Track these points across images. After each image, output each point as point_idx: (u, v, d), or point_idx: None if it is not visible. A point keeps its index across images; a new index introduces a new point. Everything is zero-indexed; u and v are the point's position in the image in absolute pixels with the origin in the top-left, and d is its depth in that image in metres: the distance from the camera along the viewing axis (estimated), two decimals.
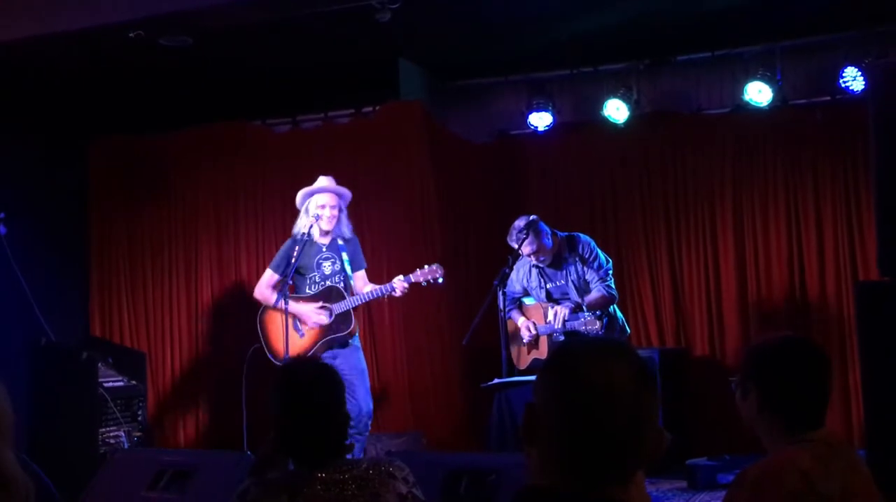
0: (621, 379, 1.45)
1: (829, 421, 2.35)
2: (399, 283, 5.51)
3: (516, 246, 5.57)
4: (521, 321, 5.90)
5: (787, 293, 6.72)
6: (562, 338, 5.73)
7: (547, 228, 5.70)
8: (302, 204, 5.76)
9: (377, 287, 5.62)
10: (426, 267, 5.55)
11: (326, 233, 5.68)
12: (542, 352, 5.87)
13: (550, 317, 5.67)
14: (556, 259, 5.76)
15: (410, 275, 5.53)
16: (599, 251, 5.78)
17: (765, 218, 6.79)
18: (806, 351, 2.31)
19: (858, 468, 2.25)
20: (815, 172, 6.70)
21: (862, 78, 6.21)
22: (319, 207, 5.64)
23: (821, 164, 6.68)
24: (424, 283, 5.56)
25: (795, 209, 6.73)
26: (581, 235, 5.83)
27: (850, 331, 6.23)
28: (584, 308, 5.62)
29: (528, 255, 5.69)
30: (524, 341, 5.89)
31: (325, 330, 5.60)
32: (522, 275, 5.89)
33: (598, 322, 5.50)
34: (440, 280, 5.55)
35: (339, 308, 5.57)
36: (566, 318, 5.59)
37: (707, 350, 6.88)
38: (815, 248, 6.66)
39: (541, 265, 5.80)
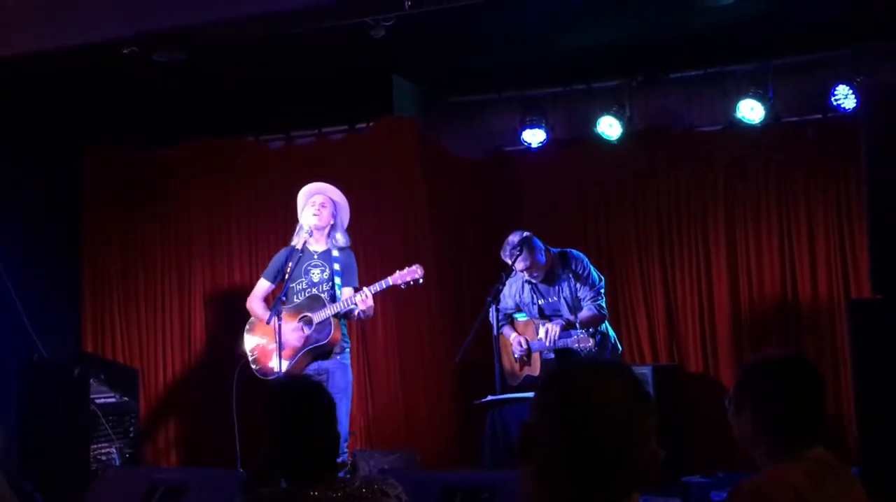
0: (616, 397, 1.45)
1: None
2: (361, 294, 5.40)
3: (510, 261, 5.57)
4: (512, 337, 5.90)
5: (780, 309, 6.72)
6: (552, 355, 5.72)
7: (541, 244, 5.70)
8: (302, 206, 5.71)
9: (350, 296, 5.51)
10: (406, 268, 5.45)
11: (322, 229, 5.62)
12: (535, 368, 5.86)
13: (542, 334, 5.64)
14: (549, 275, 5.77)
15: (388, 278, 5.42)
16: (592, 268, 5.79)
17: (757, 234, 6.80)
18: (801, 369, 2.31)
19: (853, 487, 2.25)
20: (807, 189, 6.71)
21: (853, 96, 6.23)
22: (311, 205, 5.63)
23: (813, 181, 6.70)
24: (404, 285, 5.44)
25: (788, 226, 6.74)
26: (574, 251, 5.84)
27: (843, 347, 6.23)
28: (576, 325, 5.61)
29: (522, 271, 5.69)
30: (515, 355, 5.88)
31: (304, 340, 5.50)
32: (515, 290, 5.89)
33: (590, 339, 5.48)
34: (420, 280, 5.44)
35: (318, 317, 5.47)
36: (557, 336, 5.57)
37: (701, 366, 6.87)
38: (807, 265, 6.67)
39: (534, 281, 5.80)
